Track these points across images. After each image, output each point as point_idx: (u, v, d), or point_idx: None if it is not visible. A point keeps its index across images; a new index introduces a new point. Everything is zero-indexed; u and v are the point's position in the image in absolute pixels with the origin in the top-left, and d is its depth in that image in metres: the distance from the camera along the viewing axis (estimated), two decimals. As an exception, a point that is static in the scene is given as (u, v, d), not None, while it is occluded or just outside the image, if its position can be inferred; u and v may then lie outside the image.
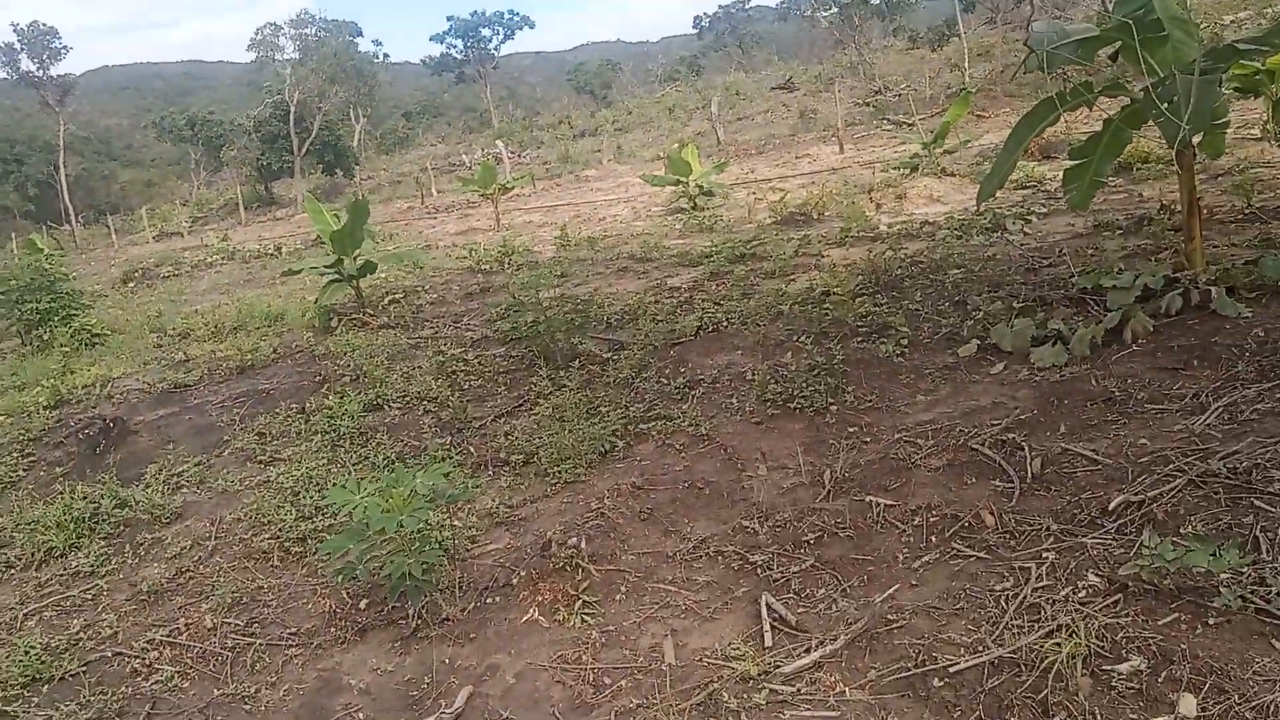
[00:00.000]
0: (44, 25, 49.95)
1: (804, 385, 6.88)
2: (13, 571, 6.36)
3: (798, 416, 6.60)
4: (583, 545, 5.16)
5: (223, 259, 25.36)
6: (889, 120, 27.80)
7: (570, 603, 4.83)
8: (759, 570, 4.82)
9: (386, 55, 69.47)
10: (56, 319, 14.51)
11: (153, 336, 14.03)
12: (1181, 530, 4.14)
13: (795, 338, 8.06)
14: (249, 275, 21.60)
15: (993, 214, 11.52)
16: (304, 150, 46.93)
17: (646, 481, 6.05)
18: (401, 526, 4.61)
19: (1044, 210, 11.83)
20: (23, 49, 49.76)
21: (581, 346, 8.82)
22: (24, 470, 8.50)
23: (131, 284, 23.30)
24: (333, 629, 5.07)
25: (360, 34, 57.33)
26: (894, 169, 17.74)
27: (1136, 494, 4.52)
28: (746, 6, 75.89)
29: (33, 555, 6.47)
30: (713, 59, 74.97)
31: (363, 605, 5.24)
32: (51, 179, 57.44)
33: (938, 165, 17.02)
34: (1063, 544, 4.34)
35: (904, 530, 4.87)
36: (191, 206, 52.12)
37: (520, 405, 7.98)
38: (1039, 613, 3.86)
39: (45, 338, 14.29)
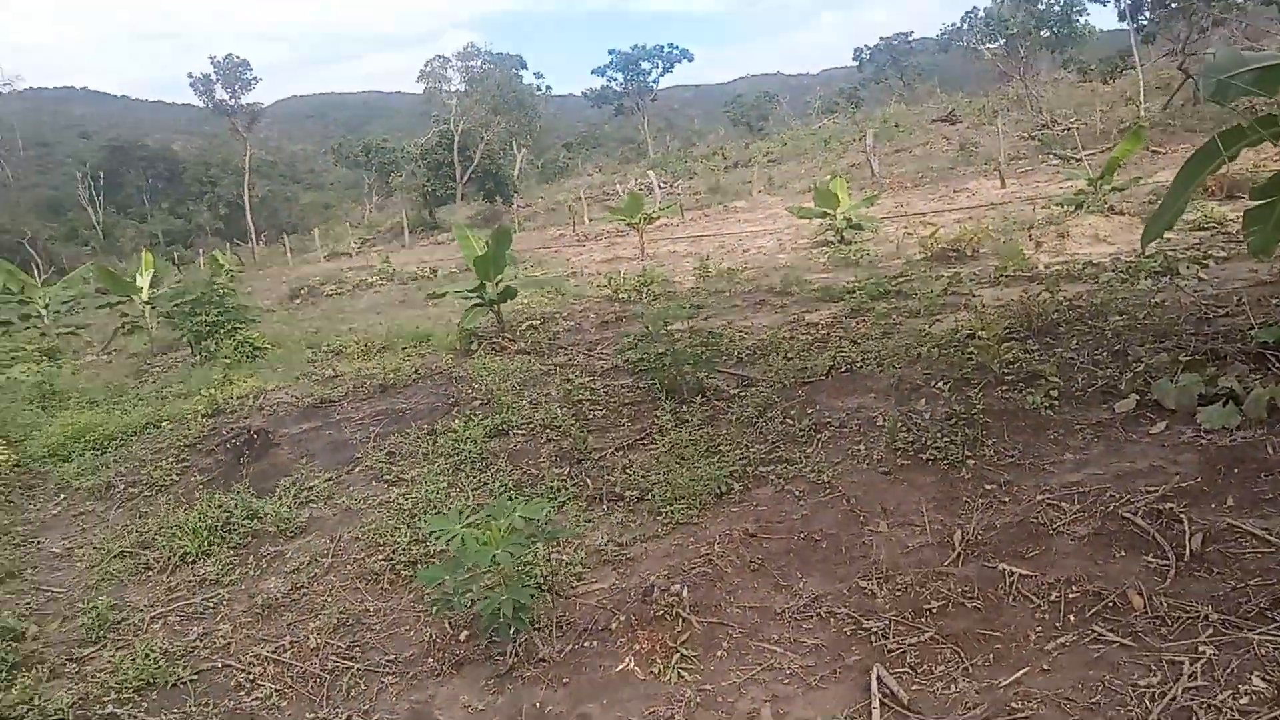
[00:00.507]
0: (237, 58, 54.18)
1: (938, 435, 6.44)
2: (150, 574, 6.65)
3: (929, 469, 6.16)
4: (684, 594, 4.93)
5: (383, 280, 26.48)
6: (1055, 155, 26.43)
7: (668, 655, 4.61)
8: (873, 638, 4.46)
9: (549, 88, 71.65)
10: (222, 332, 15.39)
11: (308, 352, 14.61)
12: (1371, 633, 3.56)
13: (933, 383, 7.59)
14: (404, 296, 22.43)
15: (1164, 257, 10.63)
16: (466, 178, 48.84)
17: (760, 529, 5.76)
18: (496, 562, 4.50)
19: (1223, 254, 10.84)
20: (218, 80, 53.93)
21: (708, 381, 8.61)
22: (177, 475, 8.94)
23: (297, 300, 24.63)
24: (430, 659, 5.02)
25: (524, 66, 59.49)
26: (1057, 206, 16.76)
27: (1317, 585, 3.93)
28: (909, 39, 74.28)
29: (168, 559, 6.74)
30: (873, 91, 73.85)
31: (463, 637, 5.16)
32: (240, 200, 61.84)
33: (1105, 203, 15.96)
34: (1223, 637, 3.81)
35: (1039, 605, 4.41)
36: (362, 229, 55.00)
37: (642, 438, 7.83)
38: (1190, 717, 3.38)
39: (212, 349, 15.17)
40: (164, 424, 10.68)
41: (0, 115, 69.10)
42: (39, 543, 7.67)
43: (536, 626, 4.97)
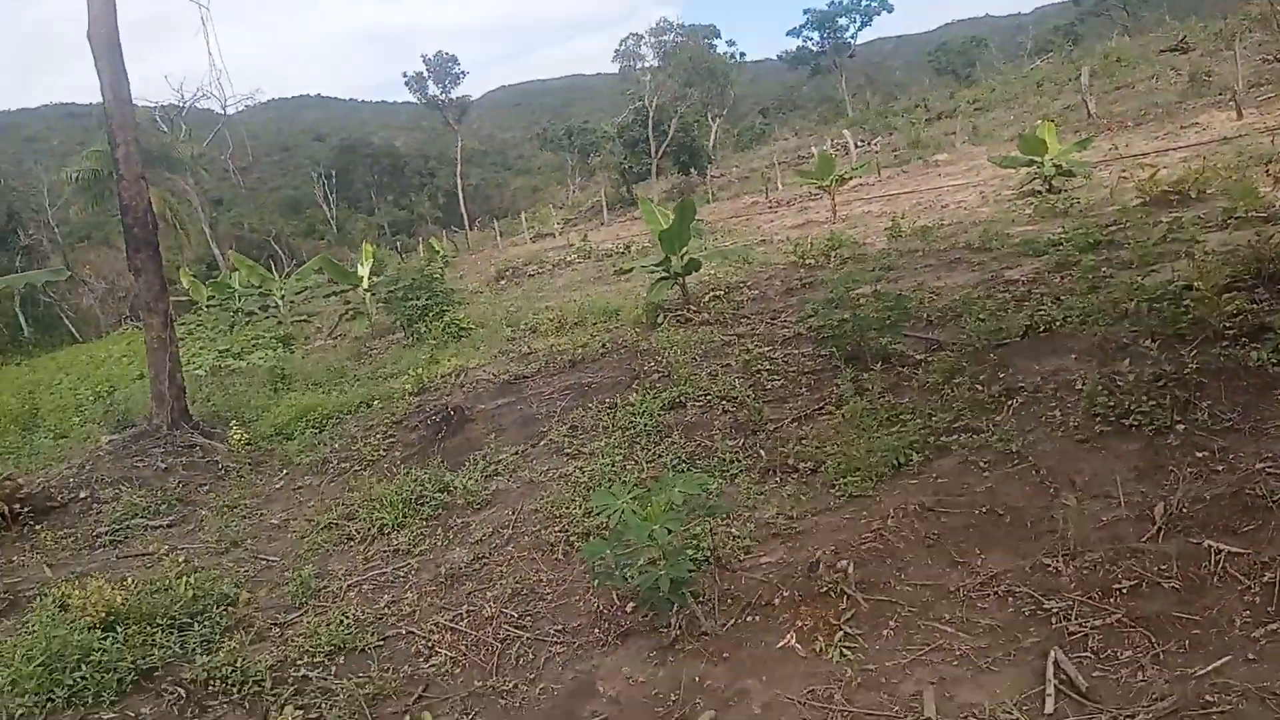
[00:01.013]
0: (446, 54, 56.77)
1: (1144, 398, 5.86)
2: (351, 544, 7.15)
3: (1131, 436, 5.63)
4: (850, 570, 4.75)
5: (580, 258, 27.14)
6: (1307, 77, 23.38)
7: (831, 632, 4.47)
8: (1054, 619, 4.15)
9: (743, 54, 70.32)
10: (431, 314, 16.29)
11: (508, 330, 15.19)
12: None
13: (1141, 341, 6.90)
14: (599, 273, 22.89)
15: None
16: (660, 152, 49.19)
17: (939, 502, 5.47)
18: (653, 538, 4.50)
19: None
20: (430, 76, 56.86)
21: (892, 346, 8.25)
22: (383, 451, 9.53)
23: (502, 281, 25.68)
24: (596, 630, 5.11)
25: (718, 35, 58.76)
26: (1305, 135, 14.80)
27: None
28: (1132, -39, 67.66)
29: (368, 530, 7.23)
30: (1092, 25, 67.93)
31: (629, 609, 5.23)
32: (456, 188, 65.10)
33: (1369, 127, 13.96)
34: None
35: (1249, 587, 3.95)
36: (565, 209, 56.64)
37: (820, 408, 7.62)
38: None
39: (422, 331, 16.09)
40: (375, 403, 11.42)
41: (248, 125, 76.07)
42: (262, 514, 8.43)
43: (700, 600, 4.96)
